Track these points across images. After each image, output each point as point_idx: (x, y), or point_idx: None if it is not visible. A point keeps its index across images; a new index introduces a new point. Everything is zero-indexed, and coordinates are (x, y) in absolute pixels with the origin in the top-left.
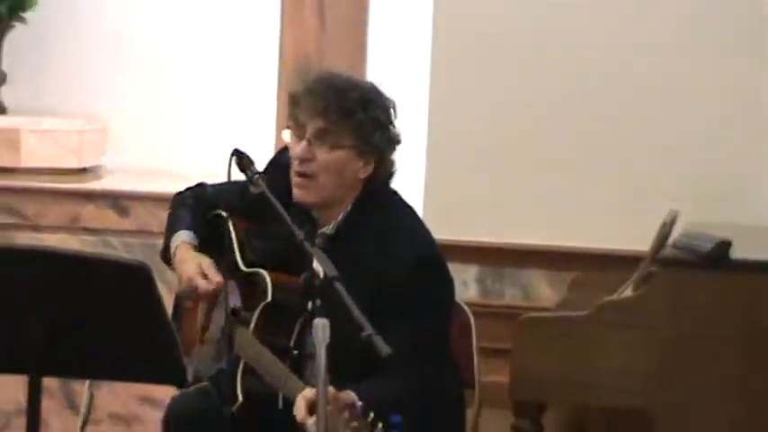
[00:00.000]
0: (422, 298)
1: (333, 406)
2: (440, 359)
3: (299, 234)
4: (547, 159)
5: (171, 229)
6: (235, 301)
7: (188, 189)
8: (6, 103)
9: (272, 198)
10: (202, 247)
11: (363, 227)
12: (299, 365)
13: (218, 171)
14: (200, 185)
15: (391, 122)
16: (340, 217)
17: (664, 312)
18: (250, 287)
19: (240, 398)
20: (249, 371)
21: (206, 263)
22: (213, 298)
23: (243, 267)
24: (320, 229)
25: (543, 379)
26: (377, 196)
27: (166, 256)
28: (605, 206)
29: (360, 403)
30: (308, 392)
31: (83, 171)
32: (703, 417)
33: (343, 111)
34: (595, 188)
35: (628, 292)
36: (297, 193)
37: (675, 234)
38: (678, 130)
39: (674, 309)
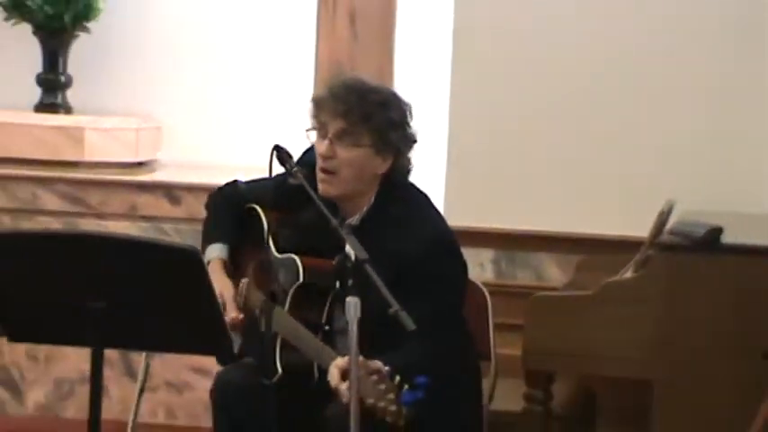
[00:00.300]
0: (437, 276)
1: (362, 371)
2: (455, 331)
3: (334, 221)
4: (557, 155)
5: (207, 237)
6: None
7: (223, 188)
8: (72, 104)
9: (309, 188)
10: (238, 241)
11: (385, 218)
12: (331, 339)
13: (259, 164)
14: (234, 183)
15: (407, 123)
16: (364, 209)
17: (661, 292)
18: (284, 271)
19: (280, 371)
20: (287, 346)
21: (228, 295)
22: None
23: (276, 254)
24: (346, 221)
25: (552, 352)
26: (396, 190)
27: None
28: (609, 197)
29: (387, 368)
30: (340, 361)
31: (139, 165)
32: (697, 384)
33: (363, 113)
34: (601, 181)
35: (628, 273)
36: (321, 188)
37: (672, 221)
38: (677, 130)
39: (670, 288)
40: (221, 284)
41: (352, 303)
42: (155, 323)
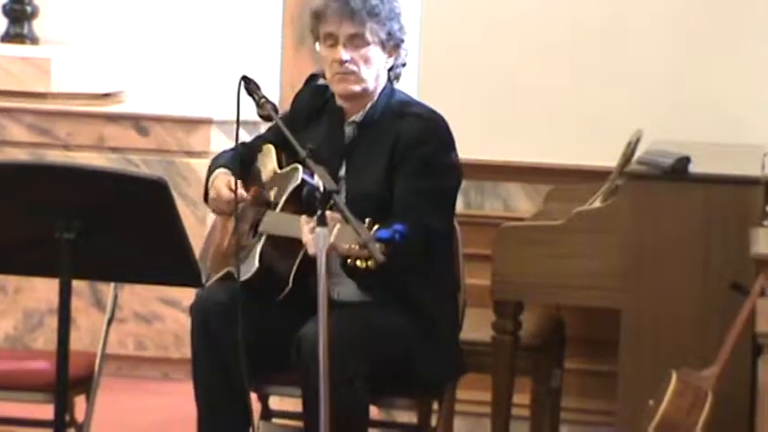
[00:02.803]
0: (431, 158)
1: (336, 223)
2: (445, 219)
3: (302, 152)
4: (526, 85)
5: (209, 175)
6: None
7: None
8: (38, 35)
9: (278, 119)
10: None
11: (385, 110)
12: None
13: (227, 95)
14: (242, 144)
15: (401, 15)
16: (368, 106)
17: (629, 221)
18: (284, 181)
19: (257, 264)
20: (268, 246)
21: (234, 179)
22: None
23: (278, 170)
24: (350, 118)
25: (521, 281)
26: (395, 89)
27: (206, 197)
28: (578, 126)
29: (368, 219)
30: (309, 221)
31: (107, 96)
32: (664, 313)
33: (368, 11)
34: (569, 110)
35: (597, 203)
36: (341, 87)
37: (640, 151)
38: (645, 60)
39: (638, 217)
40: (227, 177)
41: (321, 234)
42: (123, 254)
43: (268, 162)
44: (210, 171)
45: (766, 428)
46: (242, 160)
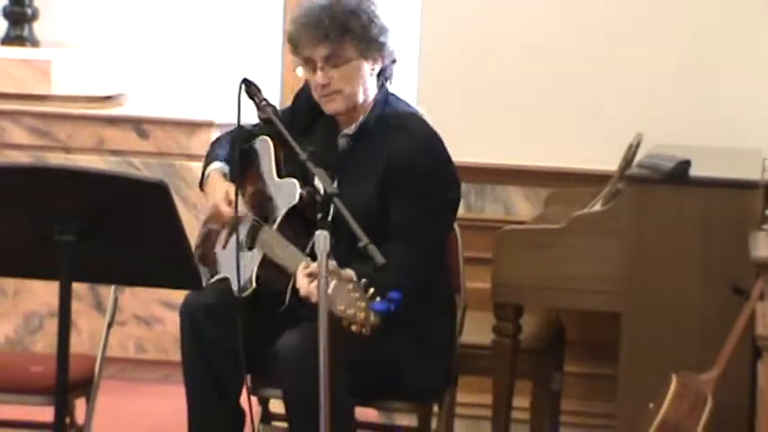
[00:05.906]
0: (427, 175)
1: (335, 278)
2: (444, 230)
3: (302, 154)
4: (527, 88)
5: (206, 162)
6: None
7: (226, 133)
8: (39, 37)
9: (279, 123)
10: (239, 175)
11: (380, 122)
12: None
13: (228, 98)
14: (239, 127)
15: (378, 16)
16: (361, 119)
17: (629, 224)
18: (281, 195)
19: (254, 284)
20: (266, 265)
21: (232, 191)
22: (234, 222)
23: (276, 178)
24: (343, 131)
25: (521, 285)
26: (391, 99)
27: (202, 186)
28: (579, 130)
29: (363, 281)
30: (307, 267)
31: (107, 98)
32: (664, 317)
33: (339, 30)
34: (570, 114)
35: (598, 206)
36: (329, 107)
37: (640, 155)
38: (646, 63)
39: (638, 221)
40: (225, 186)
41: (321, 236)
42: (123, 256)
43: (265, 156)
44: (208, 159)
45: None
46: (240, 149)
